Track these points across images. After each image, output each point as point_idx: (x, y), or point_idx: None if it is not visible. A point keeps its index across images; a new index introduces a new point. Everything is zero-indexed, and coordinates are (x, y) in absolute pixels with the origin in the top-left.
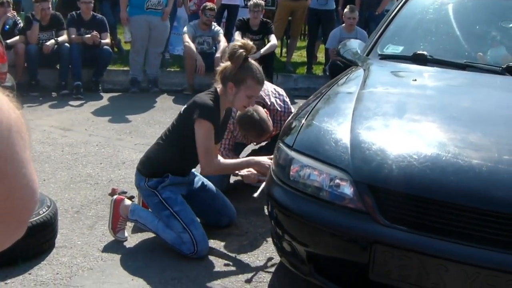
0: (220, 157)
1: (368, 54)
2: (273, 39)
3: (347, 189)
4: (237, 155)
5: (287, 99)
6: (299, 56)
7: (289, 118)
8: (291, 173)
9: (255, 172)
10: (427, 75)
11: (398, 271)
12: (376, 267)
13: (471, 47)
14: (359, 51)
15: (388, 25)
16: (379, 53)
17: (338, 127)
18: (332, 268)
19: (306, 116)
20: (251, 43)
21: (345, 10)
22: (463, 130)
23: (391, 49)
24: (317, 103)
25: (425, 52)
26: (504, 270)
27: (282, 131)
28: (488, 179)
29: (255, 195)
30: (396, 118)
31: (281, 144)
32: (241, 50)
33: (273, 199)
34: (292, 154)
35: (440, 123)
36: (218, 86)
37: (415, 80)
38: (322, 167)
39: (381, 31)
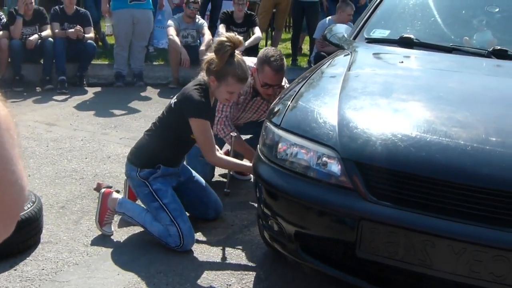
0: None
1: (354, 38)
2: (257, 32)
3: (335, 167)
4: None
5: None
6: (284, 48)
7: (275, 101)
8: (278, 151)
9: None
10: (414, 57)
11: (385, 247)
12: (363, 244)
13: (457, 32)
14: (345, 35)
15: (375, 10)
16: (366, 36)
17: (325, 106)
18: (319, 247)
19: (292, 97)
20: (239, 37)
21: (343, 5)
22: (449, 109)
23: (377, 33)
24: (303, 84)
25: (411, 36)
26: (490, 245)
27: (269, 111)
28: (474, 155)
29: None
30: (383, 97)
31: (268, 124)
32: (228, 47)
33: (260, 178)
34: (280, 132)
35: (427, 103)
36: (204, 77)
37: (402, 62)
38: (309, 145)
39: (367, 16)
